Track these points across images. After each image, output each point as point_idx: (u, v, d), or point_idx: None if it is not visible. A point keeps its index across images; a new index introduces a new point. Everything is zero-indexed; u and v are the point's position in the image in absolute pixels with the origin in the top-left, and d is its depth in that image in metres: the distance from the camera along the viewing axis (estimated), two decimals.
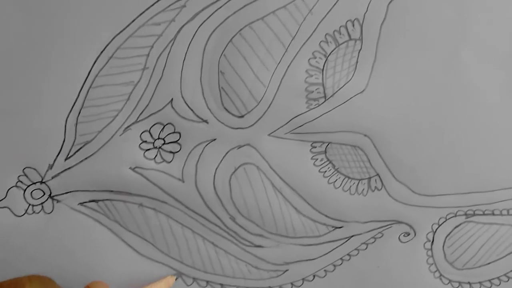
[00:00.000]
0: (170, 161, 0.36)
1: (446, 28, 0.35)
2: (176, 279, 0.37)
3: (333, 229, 0.37)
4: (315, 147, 0.36)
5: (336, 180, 0.37)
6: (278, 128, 0.36)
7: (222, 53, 0.34)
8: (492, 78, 0.35)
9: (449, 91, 0.35)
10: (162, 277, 0.37)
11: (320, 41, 0.35)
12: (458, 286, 0.38)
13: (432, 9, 0.35)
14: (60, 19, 0.33)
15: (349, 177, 0.37)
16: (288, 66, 0.35)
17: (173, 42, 0.34)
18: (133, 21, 0.33)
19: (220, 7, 0.34)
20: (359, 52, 0.35)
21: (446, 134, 0.36)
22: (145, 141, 0.35)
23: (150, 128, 0.35)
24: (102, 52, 0.34)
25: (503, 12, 0.35)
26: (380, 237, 0.37)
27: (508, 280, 0.39)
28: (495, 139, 0.36)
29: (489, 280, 0.38)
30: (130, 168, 0.35)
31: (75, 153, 0.35)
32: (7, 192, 0.35)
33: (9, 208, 0.35)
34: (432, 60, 0.35)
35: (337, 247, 0.38)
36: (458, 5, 0.34)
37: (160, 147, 0.36)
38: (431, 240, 0.38)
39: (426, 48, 0.35)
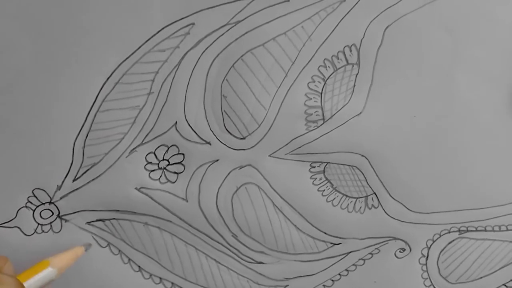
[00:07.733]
0: (174, 182, 0.36)
1: (441, 52, 0.35)
2: (86, 250, 0.36)
3: (332, 246, 0.38)
4: (314, 167, 0.37)
5: (334, 198, 0.37)
6: (279, 149, 0.36)
7: (225, 77, 0.35)
8: (486, 99, 0.36)
9: (444, 113, 0.36)
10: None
11: (319, 66, 0.35)
12: None
13: (426, 34, 0.35)
14: (68, 46, 0.34)
15: (347, 196, 0.37)
16: (288, 90, 0.35)
17: (177, 68, 0.35)
18: (139, 48, 0.34)
19: (223, 34, 0.34)
20: (356, 76, 0.36)
21: (440, 155, 0.37)
22: (150, 163, 0.36)
23: (155, 150, 0.36)
24: (109, 77, 0.34)
25: (495, 34, 0.35)
26: (377, 253, 0.38)
27: None
28: (488, 158, 0.37)
29: None
30: (135, 188, 0.36)
31: (82, 174, 0.36)
32: (17, 212, 0.36)
33: (19, 228, 0.36)
34: (428, 83, 0.36)
35: (335, 263, 0.38)
36: (451, 29, 0.35)
37: (164, 168, 0.36)
38: (426, 256, 0.38)
39: (421, 71, 0.36)
